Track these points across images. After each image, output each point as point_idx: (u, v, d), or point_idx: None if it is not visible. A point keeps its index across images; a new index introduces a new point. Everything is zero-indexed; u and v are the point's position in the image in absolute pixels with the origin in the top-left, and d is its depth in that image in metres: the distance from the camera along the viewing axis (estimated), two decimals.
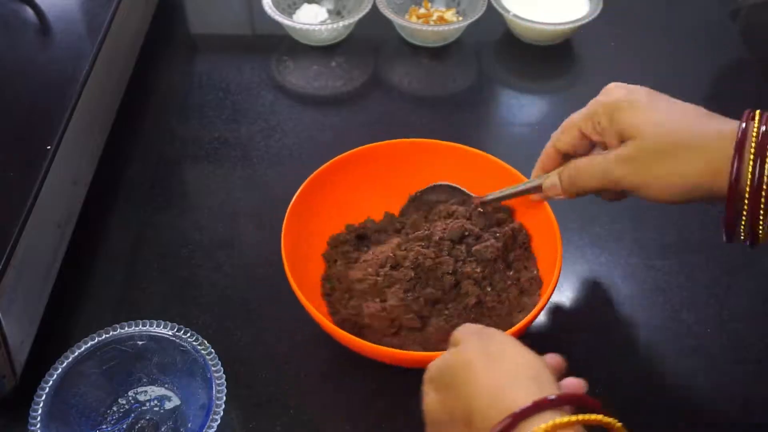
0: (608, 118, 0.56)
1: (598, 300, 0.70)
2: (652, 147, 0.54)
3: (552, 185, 0.62)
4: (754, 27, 1.04)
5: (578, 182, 0.59)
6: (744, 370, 0.66)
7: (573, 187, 0.60)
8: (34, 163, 0.64)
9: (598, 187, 0.58)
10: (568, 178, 0.60)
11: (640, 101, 0.55)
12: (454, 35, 0.98)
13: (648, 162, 0.54)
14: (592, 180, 0.58)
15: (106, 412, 0.61)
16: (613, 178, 0.56)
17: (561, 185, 0.61)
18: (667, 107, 0.55)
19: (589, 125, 0.58)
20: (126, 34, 0.87)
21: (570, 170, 0.60)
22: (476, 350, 0.46)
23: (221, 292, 0.71)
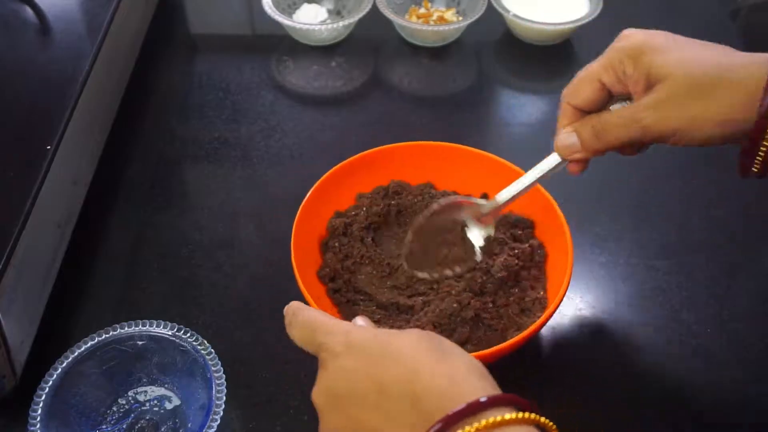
0: (633, 63, 0.53)
1: (598, 300, 0.70)
2: (686, 86, 0.51)
3: (571, 144, 0.56)
4: (754, 27, 1.04)
5: (606, 136, 0.54)
6: (744, 370, 0.66)
7: (599, 142, 0.55)
8: (34, 163, 0.64)
9: (627, 139, 0.54)
10: (592, 132, 0.55)
11: (664, 42, 0.52)
12: (454, 35, 0.98)
13: (682, 103, 0.51)
14: (621, 131, 0.54)
15: (106, 412, 0.61)
16: (646, 125, 0.52)
17: (583, 142, 0.56)
18: (692, 46, 0.52)
19: (611, 74, 0.54)
20: (126, 34, 0.87)
21: (594, 124, 0.55)
22: (425, 341, 0.44)
23: (221, 292, 0.71)
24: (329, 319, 0.48)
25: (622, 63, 0.53)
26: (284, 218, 0.76)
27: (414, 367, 0.42)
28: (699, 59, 0.51)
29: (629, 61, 0.53)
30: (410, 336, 0.45)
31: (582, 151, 0.56)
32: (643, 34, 0.54)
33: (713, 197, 0.80)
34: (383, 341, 0.44)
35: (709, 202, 0.79)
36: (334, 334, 0.46)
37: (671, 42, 0.53)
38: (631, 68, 0.53)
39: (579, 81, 0.57)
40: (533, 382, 0.64)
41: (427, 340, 0.44)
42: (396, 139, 0.86)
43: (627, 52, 0.53)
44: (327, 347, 0.46)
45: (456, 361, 0.43)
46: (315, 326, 0.48)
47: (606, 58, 0.55)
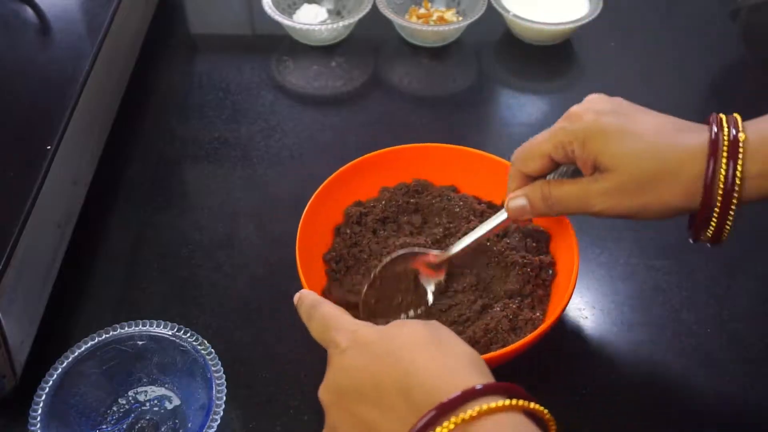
0: (580, 147, 0.55)
1: (598, 300, 0.70)
2: (631, 180, 0.54)
3: (521, 206, 0.60)
4: (754, 27, 1.04)
5: (556, 207, 0.58)
6: (744, 370, 0.66)
7: (549, 210, 0.59)
8: (34, 163, 0.64)
9: (576, 212, 0.58)
10: (542, 199, 0.59)
11: (611, 128, 0.54)
12: (454, 35, 0.98)
13: (628, 195, 0.54)
14: (571, 206, 0.58)
15: (106, 412, 0.61)
16: (596, 210, 0.56)
17: (533, 207, 0.60)
18: (639, 130, 0.54)
19: (560, 152, 0.57)
20: (126, 34, 0.87)
21: (545, 193, 0.59)
22: (423, 332, 0.46)
23: (221, 292, 0.71)
24: (341, 314, 0.51)
25: (571, 144, 0.56)
26: (284, 218, 0.77)
27: (411, 361, 0.44)
28: (645, 149, 0.53)
29: (577, 143, 0.55)
30: (412, 329, 0.46)
31: (530, 214, 0.60)
32: (593, 116, 0.55)
33: None
34: (387, 338, 0.46)
35: None
36: (343, 330, 0.49)
37: (619, 126, 0.54)
38: (579, 151, 0.55)
39: (528, 152, 0.59)
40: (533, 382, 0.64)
41: (428, 331, 0.46)
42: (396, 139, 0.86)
43: (576, 135, 0.55)
44: (335, 343, 0.48)
45: (453, 352, 0.45)
46: (328, 322, 0.50)
47: (554, 136, 0.57)
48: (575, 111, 0.57)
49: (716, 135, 0.52)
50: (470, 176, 0.73)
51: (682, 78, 0.94)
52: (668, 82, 0.93)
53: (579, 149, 0.55)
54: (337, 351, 0.48)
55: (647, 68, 0.95)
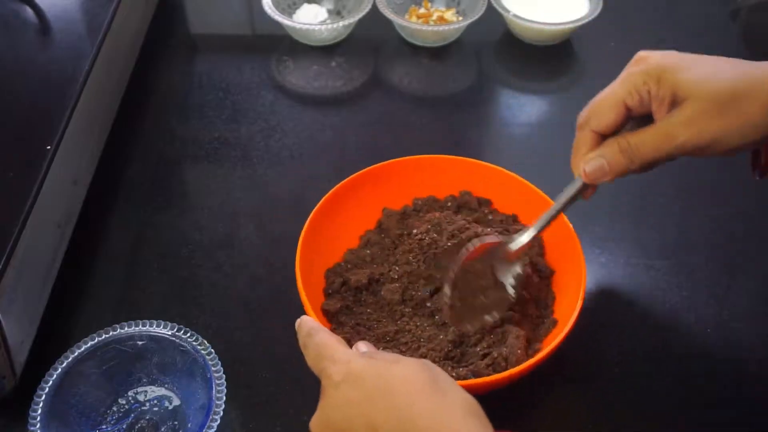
0: (656, 84, 0.53)
1: (598, 300, 0.70)
2: (713, 101, 0.52)
3: (600, 167, 0.56)
4: (754, 27, 1.04)
5: (638, 156, 0.55)
6: (744, 370, 0.66)
7: (631, 163, 0.55)
8: (34, 163, 0.64)
9: (661, 156, 0.54)
10: (621, 153, 0.55)
11: (681, 61, 0.54)
12: (454, 35, 0.98)
13: (712, 118, 0.52)
14: (654, 150, 0.54)
15: (106, 412, 0.61)
16: (679, 143, 0.53)
17: (611, 165, 0.56)
18: (707, 62, 0.54)
19: (635, 96, 0.54)
20: (126, 34, 0.87)
21: (622, 145, 0.55)
22: (421, 375, 0.45)
23: (221, 292, 0.71)
24: (336, 344, 0.49)
25: (646, 84, 0.54)
26: (284, 218, 0.77)
27: (407, 407, 0.43)
28: (719, 74, 0.53)
29: (652, 81, 0.54)
30: (407, 369, 0.45)
31: (609, 174, 0.57)
32: (659, 54, 0.55)
33: (713, 197, 0.80)
34: (380, 375, 0.45)
35: (709, 202, 0.79)
36: (336, 362, 0.47)
37: (688, 60, 0.54)
38: (655, 88, 0.54)
39: (601, 106, 0.56)
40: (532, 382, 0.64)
41: (424, 375, 0.45)
42: (396, 139, 0.86)
43: (649, 74, 0.54)
44: (328, 374, 0.47)
45: (450, 399, 0.44)
46: (323, 351, 0.49)
47: (627, 81, 0.55)
48: (641, 55, 0.55)
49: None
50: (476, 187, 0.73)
51: None
52: None
53: (655, 86, 0.54)
54: (331, 384, 0.47)
55: None
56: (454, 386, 0.46)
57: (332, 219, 0.69)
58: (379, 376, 0.45)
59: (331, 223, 0.69)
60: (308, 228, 0.66)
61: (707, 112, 0.52)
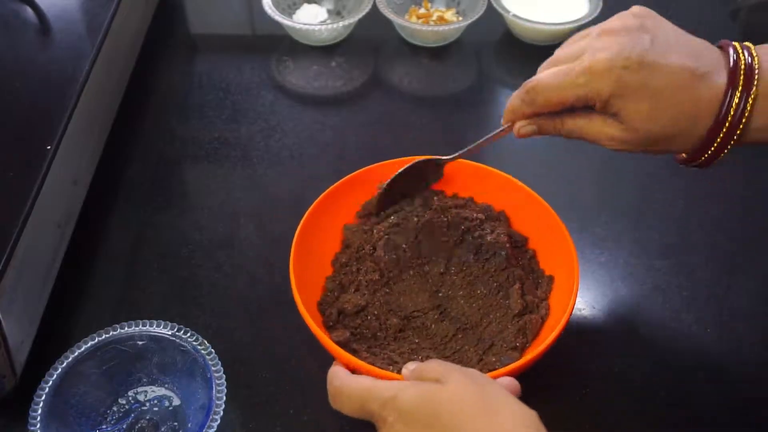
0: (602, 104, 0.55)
1: (598, 300, 0.70)
2: (647, 138, 0.55)
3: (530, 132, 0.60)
4: (754, 27, 1.04)
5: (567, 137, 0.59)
6: (744, 370, 0.66)
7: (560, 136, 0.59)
8: (34, 163, 0.64)
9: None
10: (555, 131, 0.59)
11: (633, 85, 0.53)
12: (454, 35, 0.98)
13: (641, 146, 0.56)
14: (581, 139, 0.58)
15: (106, 412, 0.61)
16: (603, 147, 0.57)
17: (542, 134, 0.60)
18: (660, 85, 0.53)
19: (580, 103, 0.56)
20: (126, 34, 0.87)
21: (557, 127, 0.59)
22: (470, 394, 0.45)
23: (221, 292, 0.71)
24: (374, 383, 0.50)
25: (593, 100, 0.55)
26: (284, 218, 0.76)
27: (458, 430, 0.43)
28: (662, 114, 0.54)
29: (600, 101, 0.54)
30: (454, 391, 0.45)
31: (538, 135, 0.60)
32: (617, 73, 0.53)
33: (713, 197, 0.80)
34: (429, 402, 0.45)
35: (709, 202, 0.79)
36: (382, 401, 0.47)
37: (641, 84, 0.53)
38: (600, 107, 0.55)
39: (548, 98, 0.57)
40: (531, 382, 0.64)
41: (471, 394, 0.45)
42: (396, 139, 0.86)
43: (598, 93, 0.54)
44: (379, 417, 0.47)
45: (503, 416, 0.44)
46: (363, 396, 0.49)
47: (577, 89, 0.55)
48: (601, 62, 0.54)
49: (734, 64, 0.53)
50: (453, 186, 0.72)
51: None
52: None
53: (600, 106, 0.55)
54: (385, 425, 0.47)
55: None
56: (505, 399, 0.45)
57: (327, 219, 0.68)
58: (427, 402, 0.45)
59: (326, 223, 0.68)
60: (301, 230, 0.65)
61: (639, 142, 0.55)
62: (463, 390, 0.45)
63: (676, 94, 0.53)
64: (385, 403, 0.47)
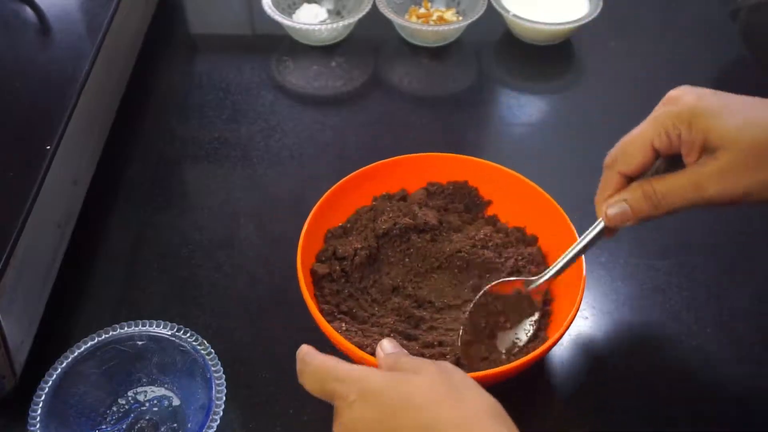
0: (687, 128, 0.51)
1: (598, 300, 0.70)
2: (747, 153, 0.49)
3: (623, 212, 0.55)
4: (754, 27, 1.04)
5: (664, 205, 0.53)
6: (744, 370, 0.66)
7: (655, 210, 0.53)
8: (34, 163, 0.64)
9: (686, 207, 0.52)
10: (645, 200, 0.53)
11: (718, 104, 0.51)
12: (454, 35, 0.98)
13: (746, 171, 0.50)
14: (681, 200, 0.52)
15: (106, 412, 0.61)
16: (708, 196, 0.51)
17: (635, 211, 0.54)
18: (743, 105, 0.51)
19: (664, 139, 0.52)
20: (126, 34, 0.87)
21: (647, 192, 0.53)
22: (440, 382, 0.44)
23: (221, 292, 0.71)
24: (341, 364, 0.47)
25: (676, 128, 0.51)
26: (284, 218, 0.77)
27: (428, 416, 0.42)
28: (755, 122, 0.50)
29: (683, 126, 0.51)
30: (425, 377, 0.45)
31: (632, 219, 0.55)
32: (695, 95, 0.52)
33: None
34: (398, 387, 0.44)
35: None
36: (346, 381, 0.46)
37: (725, 104, 0.51)
38: (686, 133, 0.51)
39: (628, 147, 0.54)
40: (531, 382, 0.64)
41: (443, 380, 0.44)
42: (396, 139, 0.86)
43: (680, 117, 0.51)
44: (340, 395, 0.45)
45: (471, 404, 0.43)
46: (325, 373, 0.47)
47: (657, 122, 0.53)
48: (673, 95, 0.53)
49: None
50: None
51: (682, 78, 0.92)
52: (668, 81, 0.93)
53: (686, 131, 0.51)
54: (345, 404, 0.45)
55: (647, 68, 0.95)
56: (474, 390, 0.45)
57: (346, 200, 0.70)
58: (396, 390, 0.44)
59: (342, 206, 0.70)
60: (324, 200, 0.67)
61: (741, 165, 0.50)
62: (433, 377, 0.44)
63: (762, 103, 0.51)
64: (348, 383, 0.45)
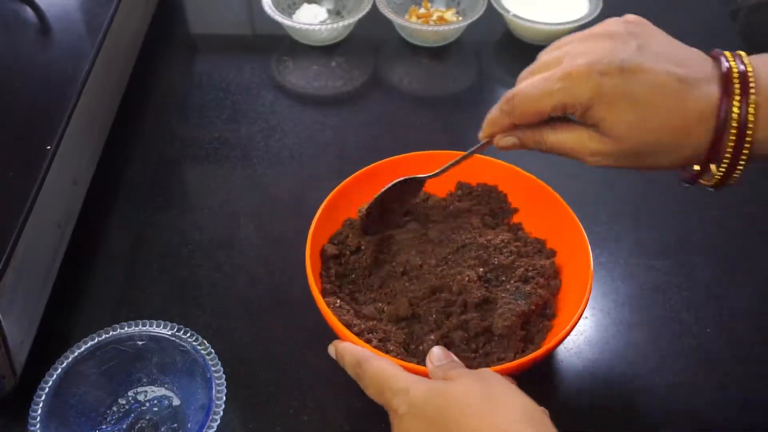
0: (582, 112, 0.52)
1: (598, 300, 0.70)
2: (631, 150, 0.52)
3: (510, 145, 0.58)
4: (754, 27, 1.04)
5: (549, 152, 0.56)
6: (744, 370, 0.66)
7: (541, 151, 0.56)
8: (34, 163, 0.64)
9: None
10: (536, 145, 0.56)
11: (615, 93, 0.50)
12: (454, 35, 0.98)
13: (625, 160, 0.53)
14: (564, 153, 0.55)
15: (106, 412, 0.61)
16: (584, 160, 0.54)
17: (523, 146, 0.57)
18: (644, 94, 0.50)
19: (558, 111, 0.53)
20: (126, 34, 0.87)
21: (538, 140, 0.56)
22: (475, 390, 0.47)
23: (221, 292, 0.71)
24: (393, 371, 0.52)
25: (573, 107, 0.52)
26: (284, 218, 0.77)
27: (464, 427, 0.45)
28: (647, 124, 0.51)
29: (580, 109, 0.52)
30: (460, 388, 0.48)
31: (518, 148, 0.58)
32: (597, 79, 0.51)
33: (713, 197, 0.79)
34: (436, 400, 0.48)
35: (709, 202, 0.79)
36: (396, 392, 0.50)
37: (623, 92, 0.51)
38: (580, 115, 0.52)
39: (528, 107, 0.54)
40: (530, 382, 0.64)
41: (477, 389, 0.47)
42: (396, 139, 0.86)
43: (577, 100, 0.51)
44: (393, 407, 0.50)
45: (505, 411, 0.45)
46: (383, 383, 0.51)
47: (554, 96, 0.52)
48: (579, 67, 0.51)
49: (727, 71, 0.50)
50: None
51: None
52: None
53: (581, 114, 0.52)
54: (396, 416, 0.49)
55: None
56: (510, 396, 0.47)
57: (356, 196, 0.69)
58: (436, 398, 0.48)
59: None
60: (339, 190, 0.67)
61: (623, 155, 0.52)
62: (469, 387, 0.47)
63: (661, 102, 0.50)
64: (397, 394, 0.50)
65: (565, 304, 0.64)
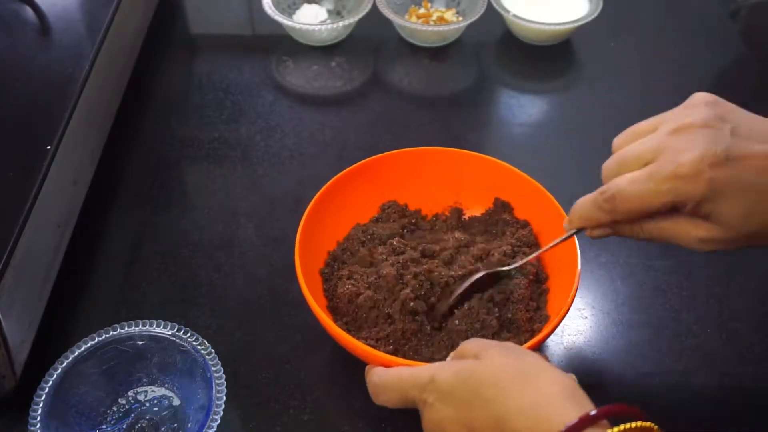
0: (694, 207, 0.50)
1: (598, 300, 0.70)
2: (740, 236, 0.51)
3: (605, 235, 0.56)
4: (754, 27, 1.04)
5: (648, 239, 0.54)
6: (744, 370, 0.66)
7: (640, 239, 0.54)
8: (34, 163, 0.64)
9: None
10: (634, 236, 0.54)
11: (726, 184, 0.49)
12: (454, 35, 0.98)
13: (733, 245, 0.52)
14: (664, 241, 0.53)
15: (106, 412, 0.61)
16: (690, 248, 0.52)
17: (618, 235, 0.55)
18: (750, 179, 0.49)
19: (667, 208, 0.51)
20: (126, 34, 0.87)
21: (636, 232, 0.54)
22: (506, 366, 0.45)
23: (221, 292, 0.71)
24: (409, 371, 0.51)
25: (684, 204, 0.50)
26: (284, 218, 0.77)
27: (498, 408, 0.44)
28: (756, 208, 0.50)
29: (692, 205, 0.50)
30: (489, 365, 0.46)
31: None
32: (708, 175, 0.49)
33: None
34: (467, 382, 0.46)
35: None
36: (421, 386, 0.49)
37: (732, 181, 0.49)
38: (691, 210, 0.51)
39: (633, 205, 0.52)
40: None
41: (509, 364, 0.46)
42: (396, 139, 0.86)
43: (691, 198, 0.50)
44: (421, 400, 0.49)
45: (541, 386, 0.44)
46: (402, 384, 0.51)
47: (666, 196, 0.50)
48: (688, 164, 0.49)
49: None
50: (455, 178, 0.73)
51: (682, 78, 0.94)
52: (668, 81, 0.93)
53: (692, 209, 0.50)
54: (426, 407, 0.48)
55: (647, 68, 0.95)
56: (547, 371, 0.45)
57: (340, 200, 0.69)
58: (466, 382, 0.46)
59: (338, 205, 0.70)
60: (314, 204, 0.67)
61: (731, 242, 0.51)
62: (500, 362, 0.46)
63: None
64: (423, 387, 0.48)
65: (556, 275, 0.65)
